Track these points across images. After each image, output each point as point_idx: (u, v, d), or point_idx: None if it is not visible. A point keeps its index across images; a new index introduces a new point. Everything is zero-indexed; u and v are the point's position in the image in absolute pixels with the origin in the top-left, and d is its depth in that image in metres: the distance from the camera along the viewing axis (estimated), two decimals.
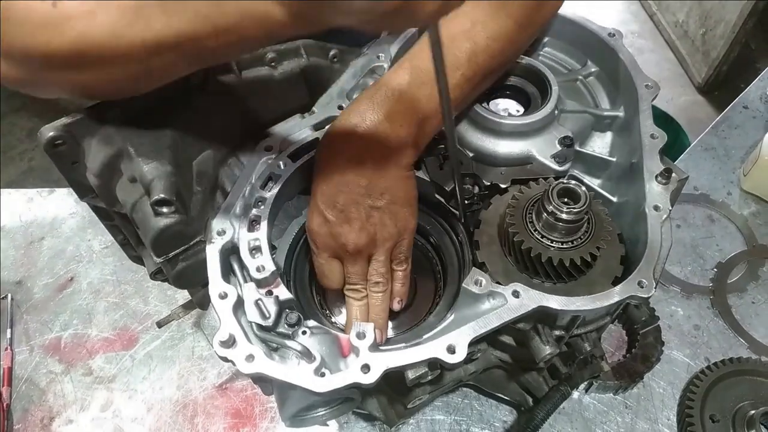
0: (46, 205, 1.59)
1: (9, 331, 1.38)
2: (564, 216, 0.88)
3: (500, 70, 1.05)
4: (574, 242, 0.91)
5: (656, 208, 0.94)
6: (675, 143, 2.30)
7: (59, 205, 1.59)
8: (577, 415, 1.23)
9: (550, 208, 0.89)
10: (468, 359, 0.86)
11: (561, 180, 0.92)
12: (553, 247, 0.91)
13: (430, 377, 0.87)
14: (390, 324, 1.03)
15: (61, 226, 1.55)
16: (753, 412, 1.15)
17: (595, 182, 1.10)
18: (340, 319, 1.05)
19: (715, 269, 1.43)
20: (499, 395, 1.19)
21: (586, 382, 1.20)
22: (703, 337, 1.33)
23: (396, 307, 0.99)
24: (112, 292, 1.44)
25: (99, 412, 1.28)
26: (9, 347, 1.35)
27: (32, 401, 1.29)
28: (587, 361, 1.07)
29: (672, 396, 1.25)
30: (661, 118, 2.55)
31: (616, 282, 0.91)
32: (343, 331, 0.99)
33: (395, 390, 1.03)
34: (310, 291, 1.05)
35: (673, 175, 0.97)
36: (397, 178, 0.93)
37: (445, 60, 0.94)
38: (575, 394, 1.24)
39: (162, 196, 0.79)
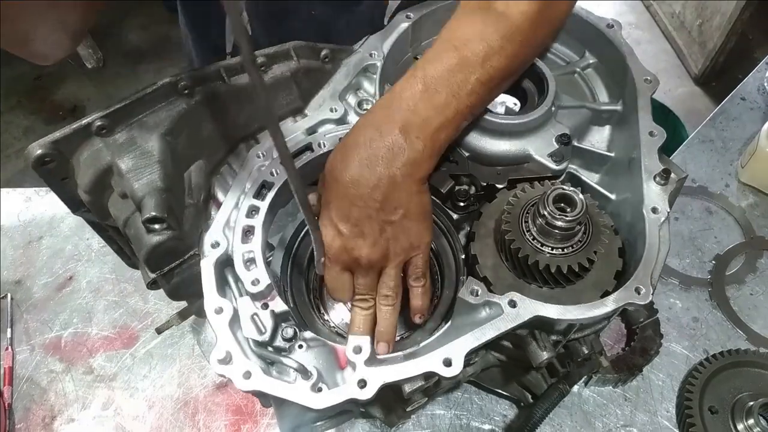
0: (44, 204, 1.59)
1: (9, 330, 1.38)
2: (559, 223, 0.87)
3: (517, 73, 1.02)
4: (571, 248, 0.90)
5: (654, 210, 0.93)
6: (673, 135, 2.29)
7: (57, 204, 1.54)
8: (576, 408, 1.24)
9: (546, 214, 0.88)
10: (466, 364, 0.86)
11: (558, 186, 0.90)
12: (549, 253, 0.90)
13: (426, 387, 0.87)
14: None
15: (59, 225, 1.55)
16: (752, 403, 1.15)
17: (593, 178, 1.09)
18: (333, 315, 1.05)
19: (714, 261, 1.42)
20: (499, 391, 1.19)
21: (585, 375, 1.21)
22: (701, 329, 1.33)
23: (417, 321, 0.98)
24: (112, 290, 1.44)
25: (100, 410, 1.29)
26: (9, 347, 1.36)
27: (33, 400, 1.30)
28: (586, 359, 1.07)
29: (671, 388, 1.25)
30: (659, 110, 2.52)
31: (614, 285, 0.91)
32: (339, 333, 1.00)
33: (394, 397, 1.03)
34: (306, 295, 1.04)
35: (672, 174, 0.96)
36: (411, 192, 0.90)
37: (453, 64, 0.91)
38: (575, 388, 1.25)
39: (153, 214, 0.79)
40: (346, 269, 0.93)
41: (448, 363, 0.80)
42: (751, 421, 1.14)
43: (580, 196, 0.88)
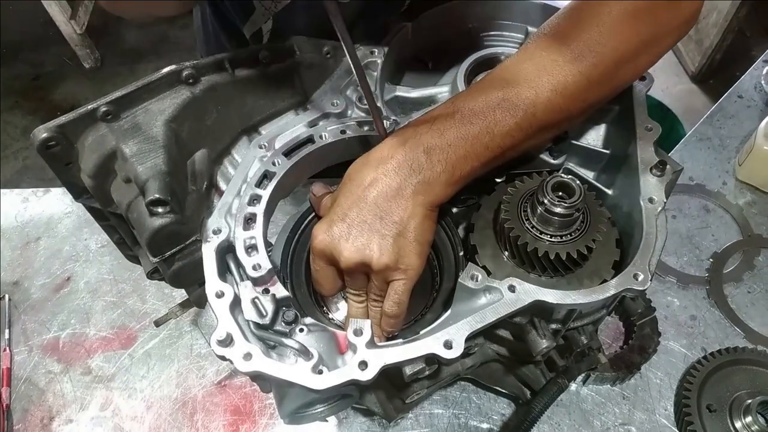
0: (42, 204, 1.59)
1: (7, 331, 1.38)
2: (558, 210, 0.88)
3: (562, 125, 1.00)
4: (570, 236, 0.91)
5: (651, 200, 0.94)
6: (671, 133, 2.31)
7: (55, 205, 1.59)
8: (574, 406, 1.23)
9: (545, 201, 0.89)
10: (465, 354, 0.86)
11: (556, 174, 0.92)
12: (548, 240, 0.91)
13: (427, 372, 0.87)
14: None
15: (57, 226, 1.55)
16: (750, 401, 1.15)
17: (590, 175, 1.10)
18: (338, 315, 1.05)
19: (711, 259, 1.43)
20: (497, 388, 1.19)
21: (583, 374, 1.21)
22: (699, 327, 1.33)
23: (375, 341, 0.92)
24: (110, 291, 1.44)
25: (98, 411, 1.28)
26: (7, 348, 1.35)
27: (32, 401, 1.30)
28: (584, 354, 1.07)
29: (669, 386, 1.25)
30: (657, 108, 2.56)
31: (612, 274, 0.92)
32: (340, 327, 1.00)
33: (393, 385, 1.03)
34: (306, 288, 1.04)
35: (668, 167, 0.97)
36: (415, 214, 0.88)
37: (495, 102, 0.90)
38: (573, 386, 1.25)
39: (157, 196, 0.79)
40: (329, 264, 0.92)
41: (448, 345, 0.81)
42: (749, 419, 1.14)
43: (578, 182, 0.89)
